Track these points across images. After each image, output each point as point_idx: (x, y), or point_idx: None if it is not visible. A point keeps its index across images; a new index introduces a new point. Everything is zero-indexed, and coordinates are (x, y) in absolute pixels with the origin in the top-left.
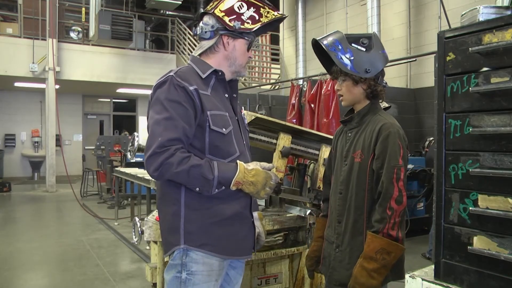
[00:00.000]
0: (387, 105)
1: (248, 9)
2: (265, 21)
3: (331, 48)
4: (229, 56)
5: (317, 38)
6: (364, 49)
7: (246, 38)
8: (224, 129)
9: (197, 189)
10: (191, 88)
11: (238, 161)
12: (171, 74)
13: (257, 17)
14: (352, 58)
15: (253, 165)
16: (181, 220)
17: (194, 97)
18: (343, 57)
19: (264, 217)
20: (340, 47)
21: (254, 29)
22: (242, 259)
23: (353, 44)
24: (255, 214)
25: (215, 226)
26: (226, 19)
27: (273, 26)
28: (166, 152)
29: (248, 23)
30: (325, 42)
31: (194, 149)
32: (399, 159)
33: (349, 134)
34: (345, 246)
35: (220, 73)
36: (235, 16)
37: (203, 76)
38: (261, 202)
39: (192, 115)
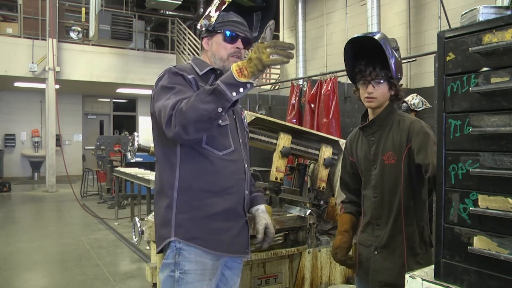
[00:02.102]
0: (429, 105)
1: (215, 4)
2: (224, 6)
3: (387, 52)
4: (210, 55)
5: (371, 35)
6: (397, 55)
7: (219, 31)
8: (220, 121)
9: (219, 109)
10: (189, 76)
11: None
12: (169, 67)
13: (220, 6)
14: (394, 63)
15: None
16: (173, 212)
17: (191, 84)
18: (391, 62)
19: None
20: (390, 51)
21: (215, 19)
22: (235, 257)
23: (392, 49)
24: (262, 206)
25: (206, 220)
26: (202, 22)
27: (268, 12)
28: (175, 108)
29: (213, 17)
30: (382, 44)
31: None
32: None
33: (372, 138)
34: (384, 246)
35: (218, 71)
36: (205, 17)
37: (200, 73)
38: None
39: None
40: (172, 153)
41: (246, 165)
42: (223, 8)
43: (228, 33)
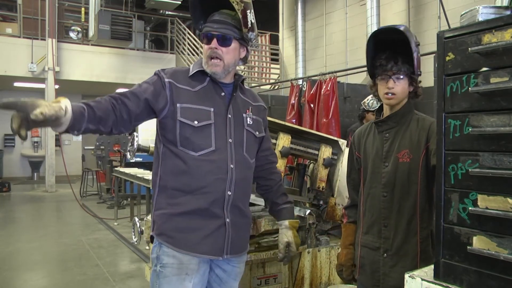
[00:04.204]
0: None
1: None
2: (192, 9)
3: (412, 46)
4: None
5: (400, 28)
6: (418, 50)
7: (202, 34)
8: (195, 122)
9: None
10: (166, 80)
11: (62, 102)
12: (159, 69)
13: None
14: (416, 58)
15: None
16: (153, 208)
17: (165, 87)
18: (414, 55)
19: (264, 217)
20: (414, 46)
21: (193, 19)
22: (203, 257)
23: (415, 44)
24: (286, 222)
25: (174, 217)
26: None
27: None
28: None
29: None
30: (409, 38)
31: (168, 143)
32: None
33: (386, 134)
34: (396, 249)
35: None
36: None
37: (189, 74)
38: (261, 202)
39: (151, 92)
40: (157, 154)
41: (231, 166)
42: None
43: (203, 35)
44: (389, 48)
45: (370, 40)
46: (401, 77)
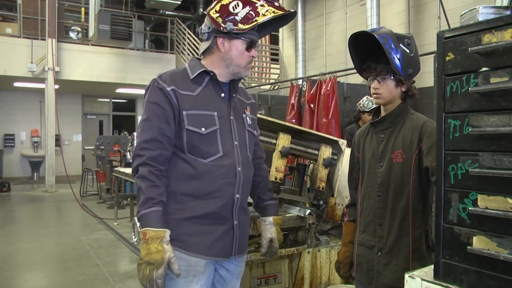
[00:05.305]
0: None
1: (243, 8)
2: (261, 20)
3: (386, 46)
4: (225, 57)
5: (370, 31)
6: (408, 51)
7: (242, 38)
8: (203, 129)
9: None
10: (168, 89)
11: (166, 230)
12: (155, 77)
13: (252, 16)
14: (401, 59)
15: (167, 246)
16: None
17: (171, 97)
18: (395, 57)
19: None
20: (393, 46)
21: (247, 30)
22: (215, 260)
23: (400, 45)
24: (270, 219)
25: (185, 222)
26: (220, 20)
27: (284, 21)
28: (140, 158)
29: (242, 23)
30: (381, 39)
31: (176, 149)
32: None
33: (382, 135)
34: (389, 248)
35: (211, 73)
36: (228, 17)
37: (191, 76)
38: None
39: (170, 114)
40: None
41: (239, 168)
42: (254, 20)
43: (254, 40)
44: (376, 49)
45: (351, 43)
46: (386, 77)
